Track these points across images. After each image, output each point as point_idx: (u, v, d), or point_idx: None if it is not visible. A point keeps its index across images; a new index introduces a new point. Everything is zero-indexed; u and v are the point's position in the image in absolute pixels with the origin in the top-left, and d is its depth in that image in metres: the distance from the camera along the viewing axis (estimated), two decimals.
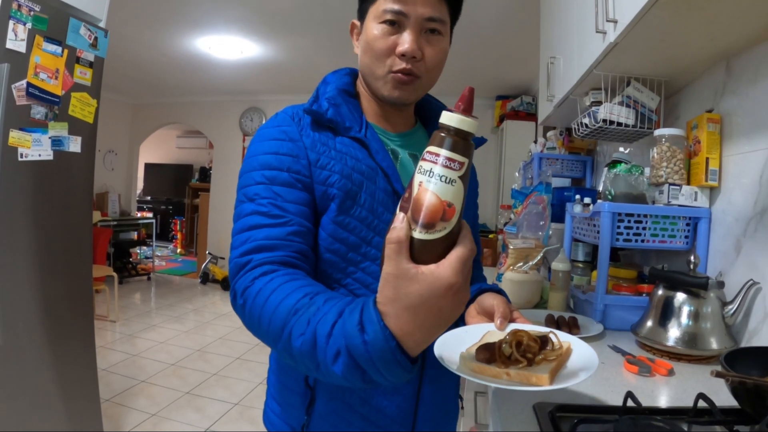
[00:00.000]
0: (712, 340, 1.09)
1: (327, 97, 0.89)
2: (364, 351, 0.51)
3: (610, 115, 1.51)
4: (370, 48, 0.85)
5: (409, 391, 0.87)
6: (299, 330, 0.58)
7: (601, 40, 1.30)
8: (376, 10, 0.84)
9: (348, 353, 0.52)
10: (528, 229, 1.81)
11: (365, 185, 0.83)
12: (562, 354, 0.65)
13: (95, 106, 1.99)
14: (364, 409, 0.85)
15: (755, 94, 1.18)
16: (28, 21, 1.66)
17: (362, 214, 0.83)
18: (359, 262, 0.83)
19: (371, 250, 0.84)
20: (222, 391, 3.23)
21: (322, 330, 0.56)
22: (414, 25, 0.83)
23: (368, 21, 0.87)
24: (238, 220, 0.78)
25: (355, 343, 0.51)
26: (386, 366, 0.51)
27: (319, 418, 0.85)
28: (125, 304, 5.28)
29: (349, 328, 0.53)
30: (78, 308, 2.01)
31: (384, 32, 0.83)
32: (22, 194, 1.74)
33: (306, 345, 0.57)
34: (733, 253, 1.23)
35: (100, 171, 6.47)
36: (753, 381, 0.69)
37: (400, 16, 0.82)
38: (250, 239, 0.74)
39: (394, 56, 0.84)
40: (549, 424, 0.73)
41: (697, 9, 1.03)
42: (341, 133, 0.86)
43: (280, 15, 3.66)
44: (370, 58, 0.86)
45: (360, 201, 0.83)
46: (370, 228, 0.83)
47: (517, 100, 4.96)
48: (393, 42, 0.83)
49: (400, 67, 0.84)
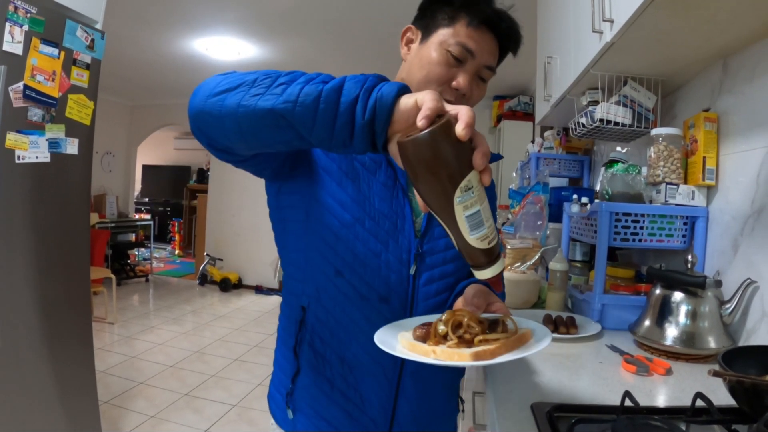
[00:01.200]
0: (709, 340, 1.09)
1: None
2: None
3: (607, 114, 1.51)
4: (428, 69, 0.87)
5: (389, 378, 0.89)
6: (315, 79, 0.61)
7: (597, 39, 1.30)
8: (447, 37, 0.86)
9: (367, 85, 0.59)
10: (525, 229, 1.81)
11: (363, 172, 0.87)
12: (512, 339, 0.65)
13: (92, 108, 1.98)
14: (344, 387, 0.89)
15: (752, 92, 1.18)
16: (24, 23, 1.66)
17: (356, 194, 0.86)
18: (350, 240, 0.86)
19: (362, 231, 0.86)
20: (220, 393, 3.23)
21: (343, 80, 0.60)
22: (474, 67, 0.87)
23: (433, 41, 0.87)
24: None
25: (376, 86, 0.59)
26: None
27: (302, 388, 0.91)
28: (123, 305, 5.27)
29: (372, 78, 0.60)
30: (76, 310, 2.01)
31: (446, 61, 0.86)
32: (20, 197, 1.73)
33: (327, 86, 0.59)
34: (730, 252, 1.23)
35: (98, 173, 6.47)
36: (751, 380, 0.69)
37: (468, 54, 0.86)
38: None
39: (447, 86, 0.87)
40: (546, 424, 0.73)
41: (693, 8, 1.03)
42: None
43: (277, 16, 3.66)
44: (423, 77, 0.88)
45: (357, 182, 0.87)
46: (361, 208, 0.86)
47: (514, 100, 4.96)
48: (451, 74, 0.86)
49: (448, 98, 0.87)
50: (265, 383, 3.42)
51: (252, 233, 6.51)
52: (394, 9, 3.29)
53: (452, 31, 0.85)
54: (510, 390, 0.89)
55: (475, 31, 0.85)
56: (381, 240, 0.87)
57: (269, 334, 4.54)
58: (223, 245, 6.72)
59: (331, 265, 0.86)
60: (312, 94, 0.59)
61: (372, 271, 0.86)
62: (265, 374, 3.58)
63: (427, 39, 0.88)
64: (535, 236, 1.78)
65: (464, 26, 0.85)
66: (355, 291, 0.86)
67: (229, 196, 6.72)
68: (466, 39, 0.85)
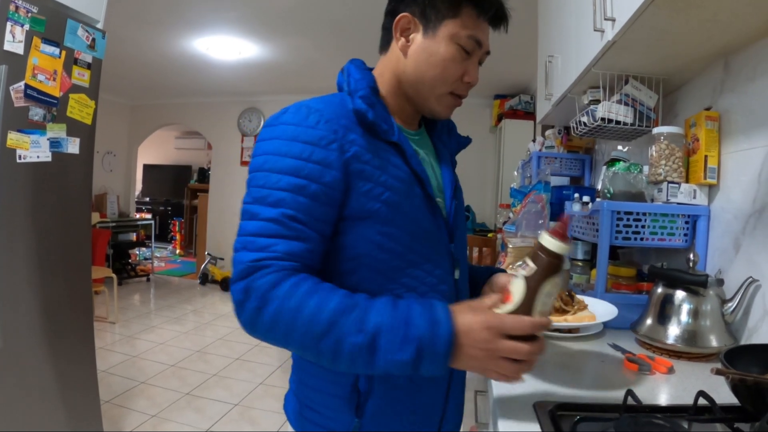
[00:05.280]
0: (711, 338, 1.09)
1: (361, 95, 0.83)
2: (433, 343, 0.66)
3: (609, 113, 1.51)
4: (442, 66, 0.85)
5: (443, 386, 0.91)
6: (354, 328, 0.66)
7: (599, 38, 1.30)
8: (457, 30, 0.84)
9: (418, 342, 0.65)
10: (527, 227, 1.81)
11: (406, 195, 0.83)
12: (582, 303, 1.01)
13: (93, 107, 1.99)
14: (412, 404, 0.87)
15: (754, 91, 1.18)
16: (25, 22, 1.66)
17: (405, 224, 0.82)
18: (404, 268, 0.83)
19: (415, 256, 0.84)
20: (222, 392, 3.23)
21: (384, 324, 0.66)
22: (479, 56, 0.88)
23: (441, 36, 0.84)
24: (253, 219, 0.75)
25: (426, 334, 0.66)
26: (440, 361, 0.67)
27: (371, 418, 0.84)
28: (124, 305, 5.27)
29: (420, 323, 0.67)
30: (77, 310, 2.01)
31: (460, 57, 0.85)
32: (21, 196, 1.73)
33: (366, 339, 0.66)
34: (732, 251, 1.23)
35: (99, 172, 6.47)
36: (753, 378, 0.69)
37: (477, 45, 0.86)
38: (271, 248, 0.72)
39: (460, 81, 0.87)
40: (549, 423, 0.73)
41: (694, 7, 1.03)
42: (379, 136, 0.83)
43: (278, 15, 3.66)
44: (437, 75, 0.86)
45: (403, 211, 0.82)
46: (412, 236, 0.83)
47: (515, 99, 4.96)
48: (464, 68, 0.86)
49: (462, 93, 0.89)
50: (266, 382, 3.43)
51: None
52: None
53: (460, 23, 0.83)
54: (512, 388, 0.89)
55: (482, 22, 0.85)
56: (431, 259, 0.86)
57: None
58: (224, 244, 6.71)
59: (391, 292, 0.82)
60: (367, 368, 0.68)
61: (430, 289, 0.86)
62: (266, 373, 3.58)
63: (435, 32, 0.84)
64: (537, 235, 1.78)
65: (473, 18, 0.84)
66: None
67: (230, 196, 6.72)
68: (476, 31, 0.84)
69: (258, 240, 0.73)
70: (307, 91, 6.14)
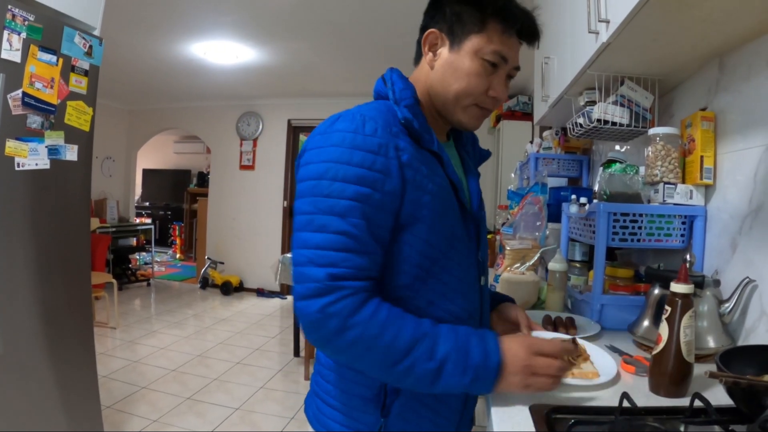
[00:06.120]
0: (709, 339, 1.09)
1: (406, 104, 0.85)
2: (486, 370, 0.78)
3: (605, 114, 1.51)
4: (467, 80, 0.87)
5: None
6: (427, 354, 0.76)
7: (593, 40, 1.31)
8: (482, 45, 0.85)
9: (474, 372, 0.77)
10: (525, 229, 1.81)
11: (447, 202, 0.86)
12: (584, 352, 0.97)
13: (91, 114, 1.99)
14: (435, 404, 0.90)
15: (748, 90, 1.18)
16: (22, 31, 1.66)
17: (443, 231, 0.85)
18: (438, 274, 0.86)
19: (449, 262, 0.87)
20: (223, 396, 3.23)
21: (450, 356, 0.77)
22: (506, 71, 0.89)
23: (465, 50, 0.86)
24: (320, 231, 0.75)
25: (481, 365, 0.78)
26: (490, 384, 0.80)
27: (396, 417, 0.88)
28: (125, 310, 5.27)
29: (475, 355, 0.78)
30: (77, 315, 2.01)
31: (484, 71, 0.86)
32: (20, 204, 1.74)
33: (435, 364, 0.76)
34: (729, 251, 1.23)
35: (98, 177, 6.48)
36: (747, 381, 0.69)
37: (503, 61, 0.87)
38: (343, 264, 0.74)
39: (485, 95, 0.88)
40: (545, 426, 0.73)
41: (688, 8, 1.03)
42: (424, 145, 0.85)
43: (275, 19, 3.66)
44: (462, 88, 0.87)
45: (443, 219, 0.85)
46: (448, 242, 0.87)
47: (513, 99, 4.96)
48: (489, 82, 0.88)
49: (487, 106, 0.90)
50: (267, 386, 3.43)
51: (252, 236, 6.52)
52: (393, 12, 3.30)
53: (485, 38, 0.85)
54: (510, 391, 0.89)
55: (510, 36, 0.86)
56: (463, 265, 0.90)
57: (271, 337, 4.54)
58: (224, 248, 6.72)
59: (423, 298, 0.86)
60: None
61: (461, 295, 0.90)
62: (266, 377, 3.58)
63: (459, 47, 0.87)
64: (534, 237, 1.78)
65: (498, 33, 0.85)
66: (449, 315, 0.88)
67: (229, 200, 6.72)
68: (501, 46, 0.85)
69: (328, 254, 0.74)
70: (305, 95, 6.16)
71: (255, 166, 6.62)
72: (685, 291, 0.88)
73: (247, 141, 6.64)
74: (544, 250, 1.69)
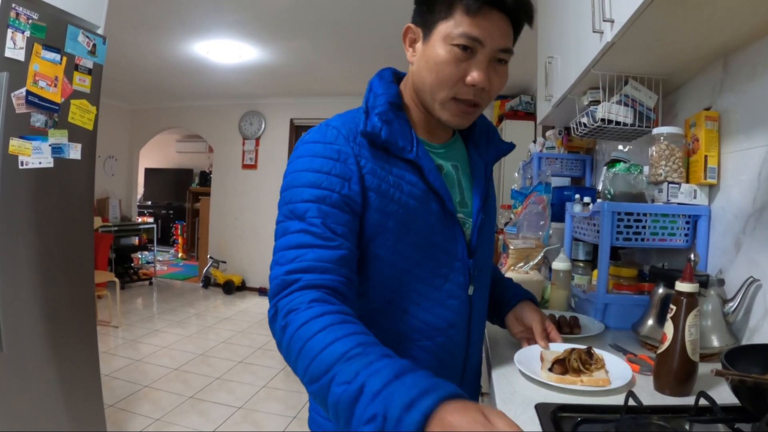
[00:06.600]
0: (713, 338, 1.09)
1: (378, 112, 0.83)
2: (395, 428, 0.52)
3: (609, 114, 1.51)
4: (436, 70, 0.81)
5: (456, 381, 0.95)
6: (345, 377, 0.58)
7: (598, 39, 1.30)
8: (449, 30, 0.79)
9: (383, 421, 0.53)
10: (528, 229, 1.81)
11: (419, 212, 0.84)
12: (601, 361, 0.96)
13: (95, 113, 1.99)
14: None
15: (753, 90, 1.18)
16: (26, 29, 1.66)
17: (415, 241, 0.84)
18: (410, 283, 0.85)
19: (422, 271, 0.85)
20: (225, 395, 3.24)
21: (371, 386, 0.55)
22: (487, 54, 0.80)
23: (436, 38, 0.80)
24: (284, 235, 0.77)
25: (394, 417, 0.52)
26: None
27: None
28: (127, 309, 5.28)
29: (397, 399, 0.53)
30: (80, 314, 2.01)
31: (455, 58, 0.79)
32: (23, 202, 1.74)
33: (347, 395, 0.56)
34: (732, 251, 1.23)
35: (101, 176, 6.48)
36: (753, 379, 0.69)
37: (476, 43, 0.78)
38: (300, 258, 0.73)
39: (462, 83, 0.81)
40: (551, 425, 0.73)
41: (693, 7, 1.03)
42: (394, 154, 0.83)
43: (278, 18, 3.67)
44: (433, 80, 0.82)
45: (414, 228, 0.83)
46: (420, 251, 0.85)
47: (515, 99, 4.96)
48: (464, 70, 0.80)
49: (467, 97, 0.82)
50: (269, 385, 3.43)
51: (255, 235, 6.52)
52: (395, 10, 3.29)
53: (453, 23, 0.78)
54: (514, 390, 0.89)
55: (476, 15, 0.77)
56: (441, 274, 0.87)
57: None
58: (226, 248, 6.73)
59: (396, 306, 0.85)
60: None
61: (437, 304, 0.87)
62: (269, 376, 3.59)
63: (429, 36, 0.82)
64: (538, 236, 1.78)
65: (463, 14, 0.77)
66: (425, 324, 0.87)
67: (231, 199, 6.73)
68: (470, 28, 0.77)
69: (287, 253, 0.74)
70: (307, 94, 6.16)
71: (257, 166, 6.63)
72: (691, 290, 0.88)
73: (250, 140, 6.65)
74: (547, 250, 1.69)
